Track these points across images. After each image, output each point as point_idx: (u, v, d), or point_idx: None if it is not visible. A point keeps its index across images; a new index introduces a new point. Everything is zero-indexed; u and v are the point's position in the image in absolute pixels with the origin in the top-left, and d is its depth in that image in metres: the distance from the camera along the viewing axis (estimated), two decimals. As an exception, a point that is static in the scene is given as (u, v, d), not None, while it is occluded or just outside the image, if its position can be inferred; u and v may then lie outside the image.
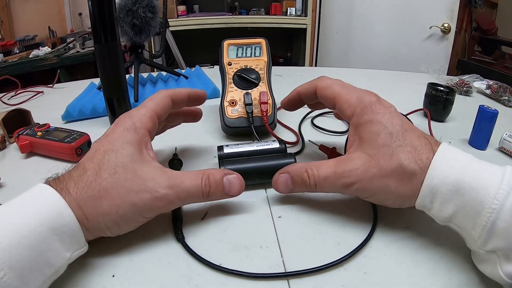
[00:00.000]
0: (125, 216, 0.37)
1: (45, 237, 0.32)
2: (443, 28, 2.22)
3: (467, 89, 0.97)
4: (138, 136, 0.41)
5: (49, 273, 0.32)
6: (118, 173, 0.38)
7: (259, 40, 0.71)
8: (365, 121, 0.42)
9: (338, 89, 0.47)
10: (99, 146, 0.40)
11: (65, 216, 0.33)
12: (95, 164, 0.38)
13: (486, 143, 0.65)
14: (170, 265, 0.39)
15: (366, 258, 0.39)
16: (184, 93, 0.51)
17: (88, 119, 0.81)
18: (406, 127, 0.41)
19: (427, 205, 0.38)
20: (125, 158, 0.39)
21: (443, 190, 0.36)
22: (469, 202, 0.34)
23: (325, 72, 1.30)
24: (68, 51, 2.58)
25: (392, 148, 0.39)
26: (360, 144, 0.42)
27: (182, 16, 3.03)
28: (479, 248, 0.34)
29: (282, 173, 0.46)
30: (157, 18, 0.91)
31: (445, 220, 0.37)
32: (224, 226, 0.44)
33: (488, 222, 0.32)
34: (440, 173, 0.36)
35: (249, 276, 0.37)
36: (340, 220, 0.45)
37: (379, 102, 0.44)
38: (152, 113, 0.45)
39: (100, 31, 0.65)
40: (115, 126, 0.43)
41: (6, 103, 0.93)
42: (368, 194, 0.41)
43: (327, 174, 0.42)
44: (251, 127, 0.62)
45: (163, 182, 0.39)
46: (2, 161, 0.63)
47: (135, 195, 0.37)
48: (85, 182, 0.37)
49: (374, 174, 0.39)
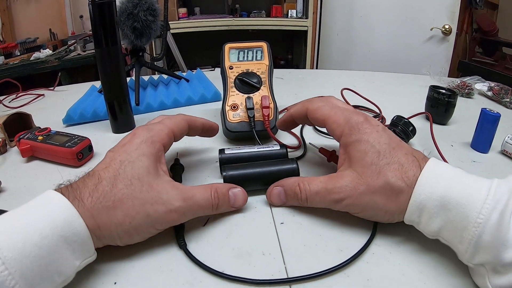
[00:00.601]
0: (138, 227, 0.38)
1: (56, 246, 0.32)
2: (444, 30, 2.22)
3: (469, 91, 0.97)
4: (154, 149, 0.43)
5: (59, 281, 0.32)
6: (134, 184, 0.39)
7: (261, 44, 0.71)
8: (353, 141, 0.44)
9: (327, 111, 0.49)
10: (115, 156, 0.41)
11: (76, 226, 0.34)
12: (110, 174, 0.39)
13: (489, 146, 0.65)
14: (172, 272, 0.38)
15: (369, 264, 0.39)
16: (199, 123, 0.54)
17: (89, 122, 0.81)
18: (393, 145, 0.42)
19: (415, 220, 0.39)
20: (141, 170, 0.40)
21: (430, 206, 0.37)
22: (456, 217, 0.35)
23: (326, 74, 1.31)
24: (69, 53, 2.58)
25: (380, 166, 0.41)
26: (350, 163, 0.44)
27: (183, 18, 3.02)
28: (467, 261, 0.35)
29: (276, 186, 0.48)
30: (158, 21, 0.91)
31: (433, 234, 0.38)
32: (226, 233, 0.44)
33: (474, 236, 0.33)
34: (426, 189, 0.37)
35: (251, 283, 0.37)
36: (342, 227, 0.45)
37: (366, 121, 0.45)
38: (169, 130, 0.47)
39: (101, 35, 0.66)
40: (132, 137, 0.44)
41: (7, 106, 0.93)
42: (357, 210, 0.43)
43: (318, 189, 0.44)
44: (252, 131, 0.62)
45: (176, 195, 0.40)
46: (3, 165, 0.63)
47: (150, 207, 0.39)
48: (100, 192, 0.37)
49: (363, 191, 0.41)
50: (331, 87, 1.00)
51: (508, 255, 0.31)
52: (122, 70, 0.70)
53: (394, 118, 0.66)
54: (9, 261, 0.29)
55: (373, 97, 0.87)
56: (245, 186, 0.49)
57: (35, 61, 2.42)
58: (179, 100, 0.89)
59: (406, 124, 0.64)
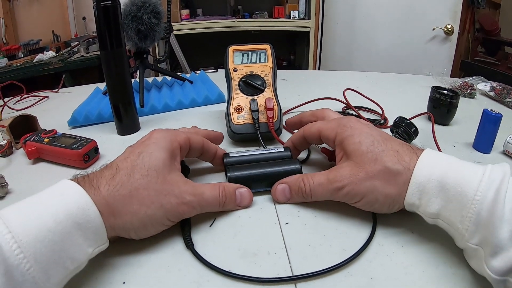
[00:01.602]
0: (153, 216, 0.40)
1: (70, 232, 0.33)
2: (446, 30, 2.22)
3: (471, 92, 0.97)
4: (171, 146, 0.45)
5: (71, 267, 0.33)
6: (150, 175, 0.41)
7: (264, 46, 0.72)
8: (346, 136, 0.46)
9: (319, 124, 0.52)
10: (133, 149, 0.43)
11: (90, 213, 0.35)
12: (128, 164, 0.41)
13: (490, 147, 0.65)
14: (179, 272, 0.39)
15: (372, 263, 0.40)
16: (213, 151, 0.55)
17: (94, 124, 0.82)
18: (385, 137, 0.45)
19: (415, 202, 0.40)
20: (158, 161, 0.42)
21: (429, 187, 0.39)
22: (454, 196, 0.37)
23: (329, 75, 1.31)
24: (73, 55, 2.59)
25: (376, 153, 0.43)
26: (347, 156, 0.46)
27: (186, 20, 3.03)
28: (466, 242, 0.36)
29: (281, 183, 0.50)
30: (161, 24, 0.92)
31: (433, 216, 0.39)
32: (232, 233, 0.45)
33: (474, 214, 0.35)
34: (425, 171, 0.39)
35: (257, 281, 0.37)
36: (346, 227, 0.45)
37: (357, 120, 0.49)
38: (187, 138, 0.49)
39: (105, 38, 0.66)
40: (151, 134, 0.46)
41: (12, 108, 0.93)
42: (358, 197, 0.44)
43: (321, 181, 0.46)
44: (257, 133, 0.62)
45: (188, 190, 0.43)
46: (9, 167, 0.63)
47: (164, 198, 0.41)
48: (117, 181, 0.39)
49: (362, 177, 0.43)
50: (334, 88, 1.01)
51: (504, 230, 0.32)
52: (127, 72, 0.71)
53: (396, 119, 0.66)
54: (24, 245, 0.30)
55: (376, 97, 0.88)
56: (249, 186, 0.50)
57: (38, 63, 2.43)
58: (183, 102, 0.90)
59: (409, 125, 0.65)
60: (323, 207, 0.49)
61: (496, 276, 0.33)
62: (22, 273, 0.29)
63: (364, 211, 0.47)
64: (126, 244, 0.42)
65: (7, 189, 0.54)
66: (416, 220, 0.45)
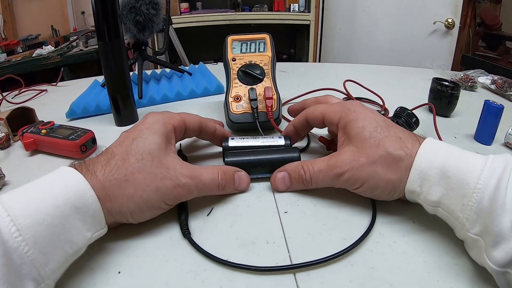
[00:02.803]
0: (149, 200, 0.40)
1: (68, 216, 0.33)
2: (447, 24, 2.21)
3: (472, 84, 0.97)
4: (165, 130, 0.45)
5: (70, 251, 0.33)
6: (145, 159, 0.41)
7: (263, 36, 0.71)
8: (350, 120, 0.46)
9: (323, 107, 0.51)
10: (128, 135, 0.43)
11: (88, 197, 0.35)
12: (123, 150, 0.41)
13: (492, 138, 0.64)
14: (176, 261, 0.39)
15: (373, 253, 0.39)
16: (212, 126, 0.54)
17: (92, 116, 0.81)
18: (389, 123, 0.45)
19: (416, 189, 0.40)
20: (153, 146, 0.42)
21: (431, 174, 0.38)
22: (456, 184, 0.36)
23: (329, 67, 1.31)
24: (71, 49, 2.58)
25: (378, 139, 0.42)
26: (349, 140, 0.45)
27: (185, 13, 3.03)
28: (467, 232, 0.35)
29: (280, 171, 0.49)
30: (160, 15, 0.91)
31: (434, 204, 0.39)
32: (230, 222, 0.44)
33: (475, 202, 0.34)
34: (427, 158, 0.39)
35: (256, 270, 0.37)
36: (345, 217, 0.45)
37: (361, 105, 0.48)
38: (181, 118, 0.49)
39: (103, 29, 0.66)
40: (145, 118, 0.46)
41: (10, 102, 0.93)
42: (358, 183, 0.43)
43: (321, 168, 0.45)
44: (256, 122, 0.62)
45: (184, 172, 0.42)
46: (7, 159, 0.63)
47: (159, 181, 0.40)
48: (112, 166, 0.39)
49: (363, 162, 0.42)
50: (334, 79, 1.00)
51: (506, 219, 0.32)
52: (125, 63, 0.70)
53: (397, 110, 0.66)
54: (23, 228, 0.30)
55: (376, 89, 0.87)
56: (247, 172, 0.50)
57: (37, 57, 2.43)
58: (182, 93, 0.90)
59: (410, 115, 0.64)
60: (323, 195, 0.48)
61: (497, 267, 0.32)
62: (21, 255, 0.29)
63: (364, 200, 0.46)
64: (121, 233, 0.42)
65: (4, 180, 0.54)
66: (416, 209, 0.45)
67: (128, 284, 0.36)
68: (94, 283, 0.36)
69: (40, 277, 0.30)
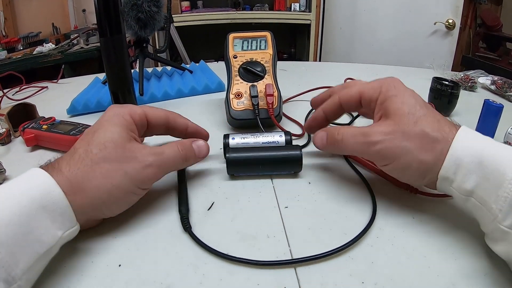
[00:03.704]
0: (119, 186, 0.40)
1: (35, 215, 0.33)
2: (448, 24, 2.22)
3: (472, 85, 0.97)
4: (125, 121, 0.44)
5: (40, 250, 0.33)
6: (108, 147, 0.40)
7: (264, 33, 0.71)
8: (390, 96, 0.45)
9: (359, 86, 0.50)
10: (89, 130, 0.43)
11: (54, 195, 0.35)
12: (84, 143, 0.41)
13: (491, 137, 0.64)
14: (176, 254, 0.39)
15: (373, 248, 0.39)
16: (182, 122, 0.52)
17: (93, 113, 0.81)
18: (428, 105, 0.43)
19: (450, 176, 0.38)
20: (114, 134, 0.42)
21: (467, 161, 0.37)
22: (492, 174, 0.35)
23: (329, 66, 1.31)
24: (72, 47, 2.58)
25: (417, 116, 0.41)
26: (386, 116, 0.44)
27: (186, 12, 3.02)
28: (498, 223, 0.34)
29: (321, 131, 0.50)
30: (161, 13, 0.91)
31: (467, 193, 0.37)
32: (230, 217, 0.44)
33: (510, 194, 0.33)
34: (464, 145, 0.38)
35: (256, 264, 0.37)
36: (346, 212, 0.45)
37: (400, 82, 0.47)
38: (142, 111, 0.48)
39: (105, 24, 0.65)
40: (105, 113, 0.45)
41: (11, 99, 0.93)
42: (389, 158, 0.42)
43: (355, 133, 0.45)
44: (257, 119, 0.62)
45: (148, 152, 0.43)
46: (7, 154, 0.63)
47: (127, 165, 0.40)
48: (76, 160, 0.39)
49: (397, 136, 0.41)
50: (335, 78, 1.00)
51: None
52: (126, 59, 0.70)
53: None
54: None
55: (377, 88, 0.87)
56: (248, 170, 0.51)
57: (37, 55, 2.43)
58: (183, 90, 0.90)
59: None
60: (323, 191, 0.49)
61: None
62: None
63: (364, 196, 0.47)
64: (121, 227, 0.42)
65: (5, 175, 0.54)
66: (416, 205, 0.45)
67: (128, 277, 0.36)
68: (95, 276, 0.36)
69: (11, 277, 0.30)
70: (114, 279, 0.36)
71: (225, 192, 0.49)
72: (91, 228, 0.42)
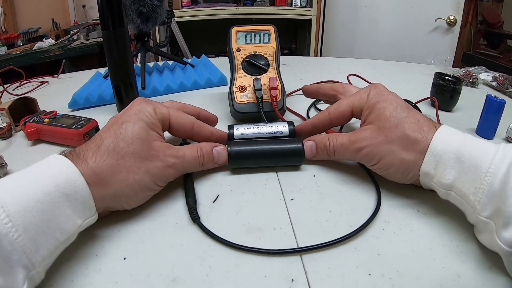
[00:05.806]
0: (141, 181, 0.41)
1: (58, 202, 0.33)
2: (449, 21, 2.21)
3: (473, 81, 0.97)
4: (152, 119, 0.45)
5: (61, 238, 0.33)
6: (135, 143, 0.42)
7: (268, 27, 0.71)
8: (374, 102, 0.48)
9: (347, 100, 0.52)
10: (116, 119, 0.44)
11: (77, 184, 0.35)
12: (112, 134, 0.41)
13: (493, 133, 0.64)
14: (182, 247, 0.39)
15: (379, 240, 0.39)
16: (207, 134, 0.53)
17: (95, 107, 0.81)
18: (408, 106, 0.47)
19: (430, 172, 0.41)
20: (141, 130, 0.43)
21: (446, 157, 0.39)
22: (469, 168, 0.37)
23: (331, 61, 1.30)
24: (72, 42, 2.58)
25: (398, 119, 0.44)
26: (370, 120, 0.48)
27: (187, 7, 3.01)
28: (478, 215, 0.36)
29: (308, 141, 0.52)
30: (163, 6, 0.91)
31: (447, 187, 0.40)
32: (236, 209, 0.44)
33: (487, 186, 0.35)
34: (443, 142, 0.41)
35: (263, 252, 0.37)
36: (351, 204, 0.45)
37: (384, 88, 0.50)
38: (166, 116, 0.48)
39: (107, 17, 0.65)
40: (132, 104, 0.46)
41: (12, 94, 0.92)
42: (375, 159, 0.46)
43: (343, 141, 0.48)
44: (260, 112, 0.62)
45: (171, 154, 0.45)
46: (9, 148, 0.63)
47: (150, 163, 0.42)
48: (103, 151, 0.40)
49: (381, 140, 0.45)
50: (337, 73, 1.00)
51: None
52: (128, 53, 0.70)
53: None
54: (13, 214, 0.30)
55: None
56: (249, 162, 0.51)
57: (37, 50, 2.42)
58: (185, 84, 0.89)
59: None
60: (328, 184, 0.49)
61: (508, 248, 0.33)
62: (11, 241, 0.29)
63: (369, 188, 0.47)
64: (126, 220, 0.42)
65: (6, 169, 0.54)
66: (421, 198, 0.45)
67: (133, 270, 0.36)
68: (99, 269, 0.36)
69: (31, 264, 0.30)
70: (119, 271, 0.36)
71: (230, 184, 0.49)
72: (95, 222, 0.41)
